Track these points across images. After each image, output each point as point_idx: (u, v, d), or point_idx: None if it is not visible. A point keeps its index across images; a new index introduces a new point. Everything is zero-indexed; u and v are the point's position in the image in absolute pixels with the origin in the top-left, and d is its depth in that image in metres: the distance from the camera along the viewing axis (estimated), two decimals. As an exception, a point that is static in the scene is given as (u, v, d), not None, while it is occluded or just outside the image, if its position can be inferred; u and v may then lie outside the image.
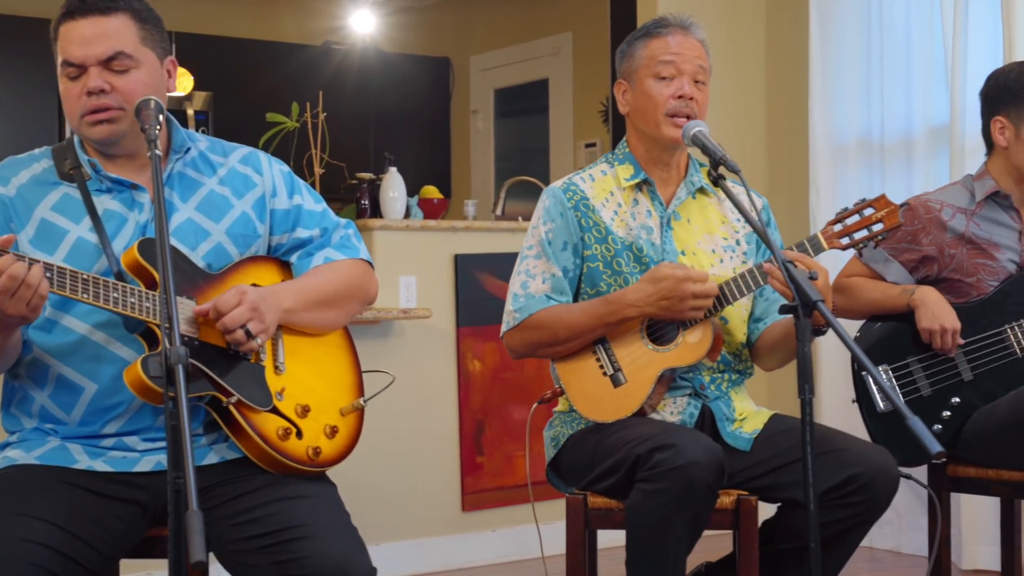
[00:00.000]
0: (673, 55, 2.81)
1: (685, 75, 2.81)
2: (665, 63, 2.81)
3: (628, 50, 2.90)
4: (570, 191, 2.88)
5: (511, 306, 2.85)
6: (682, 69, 2.81)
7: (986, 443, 3.15)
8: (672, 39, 2.83)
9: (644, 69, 2.84)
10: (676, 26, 2.86)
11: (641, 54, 2.86)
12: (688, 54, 2.82)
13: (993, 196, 3.30)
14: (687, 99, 2.79)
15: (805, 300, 2.23)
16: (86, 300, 2.18)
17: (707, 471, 2.51)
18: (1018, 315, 3.20)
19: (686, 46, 2.83)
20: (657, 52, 2.83)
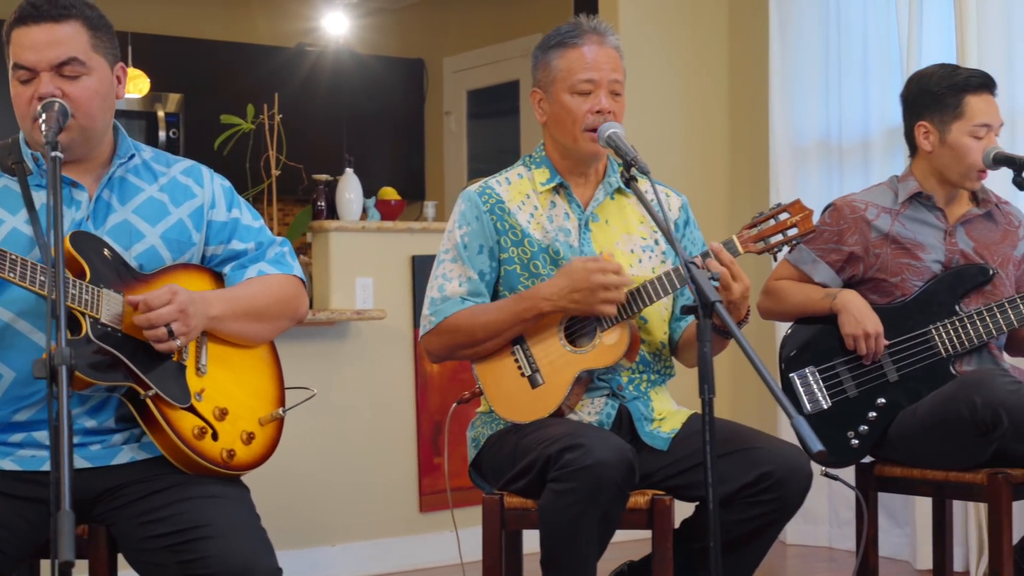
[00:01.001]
0: (590, 70, 2.81)
1: (602, 89, 2.82)
2: (583, 80, 2.81)
3: (543, 59, 2.90)
4: (485, 195, 2.90)
5: (427, 310, 2.87)
6: (599, 83, 2.82)
7: (910, 444, 3.17)
8: (588, 49, 2.83)
9: (560, 82, 2.84)
10: (591, 33, 2.85)
11: (557, 65, 2.85)
12: (604, 66, 2.82)
13: (916, 197, 3.32)
14: (605, 113, 2.80)
15: (704, 301, 2.24)
16: (12, 279, 2.23)
17: (615, 470, 2.53)
18: (943, 315, 3.21)
19: (602, 57, 2.83)
20: (574, 66, 2.82)
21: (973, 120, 3.21)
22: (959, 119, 3.22)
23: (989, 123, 3.22)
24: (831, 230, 3.32)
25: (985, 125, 3.21)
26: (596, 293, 2.67)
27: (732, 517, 2.66)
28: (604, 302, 2.68)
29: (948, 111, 3.23)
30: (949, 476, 3.12)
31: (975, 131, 3.21)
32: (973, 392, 2.97)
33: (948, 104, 3.23)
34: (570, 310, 2.73)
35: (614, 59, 2.85)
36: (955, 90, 3.23)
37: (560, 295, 2.71)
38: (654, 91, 5.41)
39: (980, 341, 3.18)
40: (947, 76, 3.27)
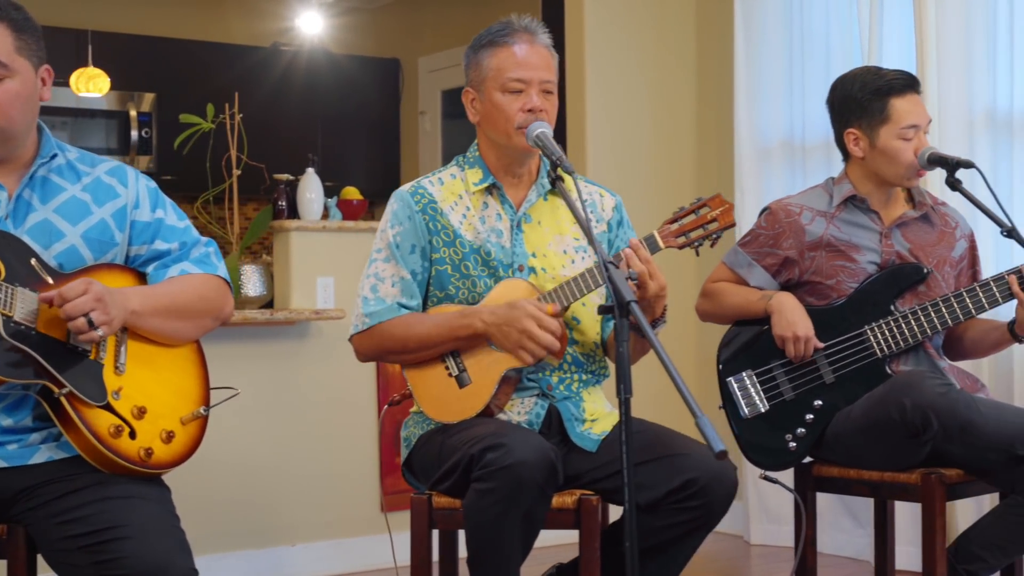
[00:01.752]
0: (520, 69, 2.81)
1: (533, 87, 2.82)
2: (513, 78, 2.81)
3: (475, 58, 2.90)
4: (418, 194, 2.90)
5: (361, 310, 2.87)
6: (530, 82, 2.82)
7: (846, 445, 3.17)
8: (518, 48, 2.83)
9: (492, 81, 2.84)
10: (522, 32, 2.85)
11: (488, 64, 2.86)
12: (535, 65, 2.82)
13: (851, 200, 3.32)
14: (537, 111, 2.80)
15: (620, 301, 2.24)
16: None
17: (536, 470, 2.53)
18: (877, 315, 3.21)
19: (532, 56, 2.83)
20: (505, 65, 2.83)
21: (900, 123, 3.21)
22: (886, 123, 3.22)
23: (916, 123, 3.21)
24: (767, 234, 3.32)
25: (913, 126, 3.21)
26: (521, 338, 2.68)
27: (658, 522, 2.66)
28: (523, 348, 2.69)
29: (875, 116, 3.23)
30: (885, 476, 3.13)
31: (903, 133, 3.20)
32: (903, 394, 2.97)
33: (874, 109, 3.23)
34: (495, 339, 2.74)
35: (545, 58, 2.85)
36: (879, 95, 3.22)
37: (495, 322, 2.72)
38: (621, 91, 5.41)
39: (915, 340, 3.18)
40: (870, 81, 3.26)
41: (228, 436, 4.51)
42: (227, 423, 4.51)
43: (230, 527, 4.51)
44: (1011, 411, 3.05)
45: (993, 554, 3.06)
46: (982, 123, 4.42)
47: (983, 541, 3.07)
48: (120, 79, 7.07)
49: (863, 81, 3.28)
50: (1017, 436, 2.96)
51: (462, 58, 3.00)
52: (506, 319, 2.70)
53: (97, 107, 6.92)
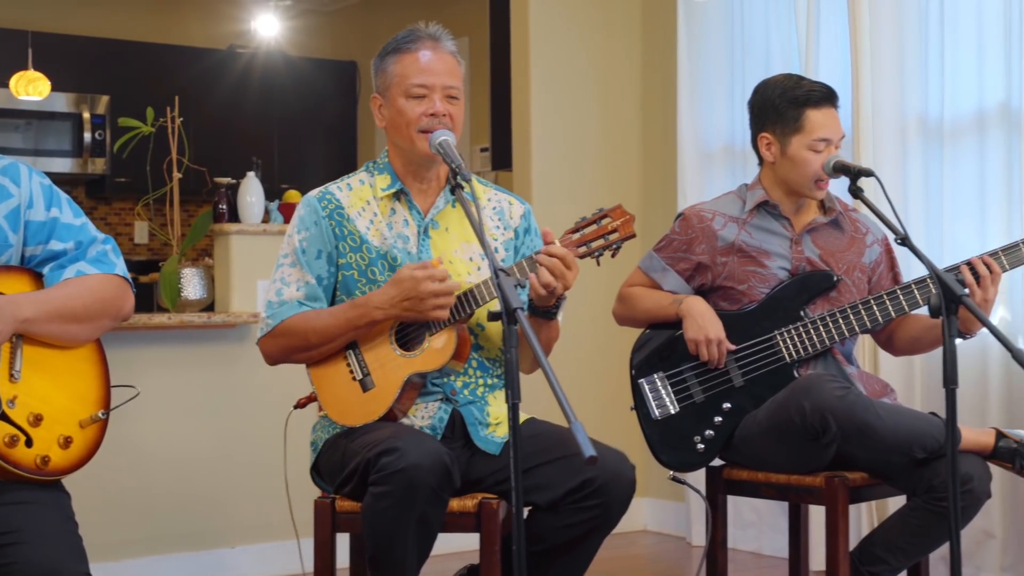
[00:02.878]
0: (424, 75, 2.84)
1: (436, 93, 2.84)
2: (416, 84, 2.84)
3: (381, 65, 2.93)
4: (325, 200, 2.93)
5: (264, 313, 2.90)
6: (433, 87, 2.85)
7: (752, 448, 3.20)
8: (422, 54, 2.86)
9: (396, 87, 2.87)
10: (427, 39, 2.88)
11: (393, 71, 2.89)
12: (439, 71, 2.86)
13: (763, 205, 3.35)
14: (440, 116, 2.83)
15: (507, 308, 2.27)
16: None
17: (430, 474, 2.56)
18: (787, 321, 3.25)
19: (436, 63, 2.86)
20: (408, 71, 2.86)
21: (812, 135, 3.25)
22: (799, 133, 3.25)
23: (828, 138, 3.25)
24: (680, 239, 3.36)
25: (824, 139, 3.24)
26: (426, 300, 2.70)
27: (558, 522, 2.70)
28: (436, 308, 2.71)
29: (789, 124, 3.27)
30: (791, 479, 3.17)
31: (814, 145, 3.24)
32: (802, 397, 3.01)
33: (789, 117, 3.27)
34: (403, 317, 2.77)
35: (450, 64, 2.89)
36: (796, 104, 3.26)
37: (391, 303, 2.74)
38: (567, 96, 5.44)
39: (823, 346, 3.21)
40: (789, 89, 3.30)
41: (167, 438, 4.53)
42: (166, 425, 4.54)
43: (169, 529, 4.53)
44: (909, 415, 3.09)
45: (895, 556, 3.10)
46: (914, 129, 4.46)
47: (886, 543, 3.12)
48: (75, 81, 7.08)
49: (783, 88, 3.31)
50: (915, 439, 3.00)
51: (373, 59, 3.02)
52: (401, 294, 2.72)
53: (50, 109, 6.92)
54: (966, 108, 4.34)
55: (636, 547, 5.31)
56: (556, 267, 2.66)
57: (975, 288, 3.09)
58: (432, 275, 2.70)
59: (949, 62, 4.36)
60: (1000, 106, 4.23)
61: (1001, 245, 3.20)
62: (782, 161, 3.29)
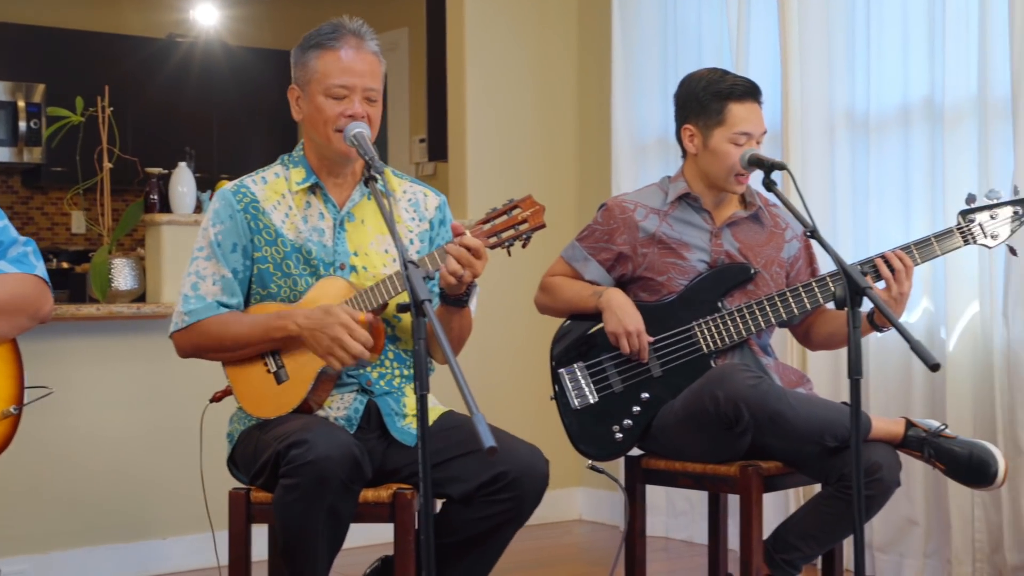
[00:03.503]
0: (345, 75, 2.83)
1: (356, 94, 2.84)
2: (337, 84, 2.83)
3: (302, 57, 2.91)
4: (240, 193, 2.93)
5: (181, 307, 2.89)
6: (354, 88, 2.83)
7: (669, 437, 3.24)
8: (345, 53, 2.84)
9: (316, 84, 2.85)
10: (351, 36, 2.87)
11: (314, 67, 2.87)
12: (361, 72, 2.84)
13: (684, 198, 3.39)
14: (358, 118, 2.82)
15: (415, 299, 2.29)
16: None
17: (339, 466, 2.57)
18: (705, 312, 3.28)
19: (358, 63, 2.85)
20: (330, 69, 2.84)
21: (734, 128, 3.27)
22: (720, 126, 3.28)
23: (749, 132, 3.28)
24: (602, 229, 3.39)
25: (745, 133, 3.27)
26: (332, 345, 2.71)
27: (471, 515, 2.72)
28: (332, 355, 2.72)
29: (711, 117, 3.29)
30: (707, 469, 3.21)
31: (735, 138, 3.27)
32: (716, 387, 3.04)
33: (712, 110, 3.29)
34: (308, 343, 2.77)
35: (372, 65, 2.87)
36: (719, 97, 3.29)
37: (309, 326, 2.74)
38: (503, 88, 5.46)
39: (740, 338, 3.25)
40: (713, 82, 3.32)
41: (97, 429, 4.51)
42: (96, 416, 4.52)
43: (99, 521, 4.51)
44: (821, 404, 3.14)
45: (808, 544, 3.15)
46: (842, 122, 4.52)
47: (799, 531, 3.16)
48: (10, 70, 7.01)
49: (707, 81, 3.34)
50: (826, 427, 3.05)
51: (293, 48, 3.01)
52: (319, 324, 2.72)
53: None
54: (891, 102, 4.40)
55: (571, 536, 5.36)
56: (463, 256, 2.67)
57: (891, 282, 3.13)
58: (354, 331, 2.69)
59: (875, 57, 4.42)
60: (924, 100, 4.29)
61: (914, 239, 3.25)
62: (704, 153, 3.32)
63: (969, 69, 4.14)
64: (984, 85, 4.06)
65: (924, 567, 4.23)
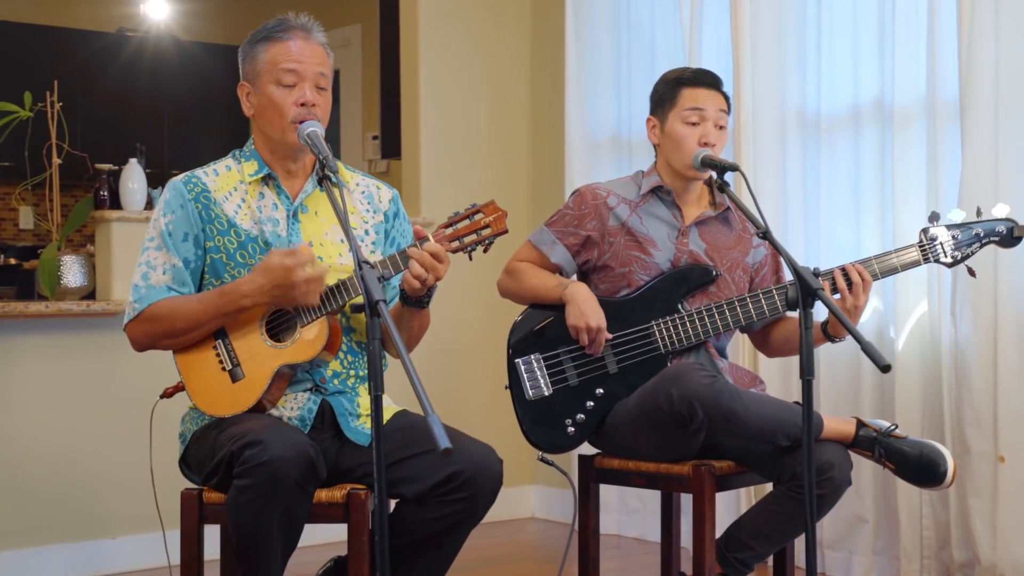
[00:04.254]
0: (295, 63, 2.83)
1: (307, 82, 2.84)
2: (287, 71, 2.83)
3: (250, 52, 2.92)
4: (191, 184, 2.92)
5: (131, 297, 2.88)
6: (304, 76, 2.84)
7: (622, 434, 3.24)
8: (294, 44, 2.85)
9: (267, 75, 2.86)
10: (297, 29, 2.88)
11: (263, 58, 2.87)
12: (309, 60, 2.85)
13: (656, 191, 3.40)
14: (310, 106, 2.82)
15: (370, 300, 2.28)
16: None
17: (293, 466, 2.57)
18: (664, 312, 3.28)
19: (307, 52, 2.86)
20: (279, 59, 2.85)
21: (684, 106, 3.29)
22: (673, 108, 3.31)
23: (699, 107, 3.28)
24: (572, 214, 3.39)
25: (695, 109, 3.28)
26: (298, 287, 2.70)
27: (425, 515, 2.72)
28: (307, 293, 2.71)
29: (666, 103, 3.33)
30: (660, 468, 3.22)
31: (686, 116, 3.28)
32: (670, 385, 3.05)
33: (667, 96, 3.33)
34: (274, 303, 2.76)
35: (320, 54, 2.88)
36: (673, 85, 3.33)
37: (260, 291, 2.73)
38: (457, 86, 5.46)
39: (697, 339, 3.25)
40: (671, 73, 3.38)
41: (45, 428, 4.47)
42: (45, 415, 4.47)
43: (48, 520, 4.46)
44: (774, 403, 3.15)
45: (760, 543, 3.16)
46: (793, 123, 4.56)
47: (751, 530, 3.18)
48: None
49: (665, 79, 3.39)
50: (779, 427, 3.07)
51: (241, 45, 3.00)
52: (271, 282, 2.71)
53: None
54: (842, 103, 4.45)
55: (524, 534, 5.36)
56: (426, 260, 2.68)
57: (846, 294, 3.13)
58: (301, 261, 2.69)
59: (826, 58, 4.46)
60: (874, 101, 4.34)
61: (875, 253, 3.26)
62: (664, 141, 3.35)
63: (918, 71, 4.19)
64: (933, 87, 4.10)
65: (873, 564, 4.28)
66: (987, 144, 3.96)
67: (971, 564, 4.00)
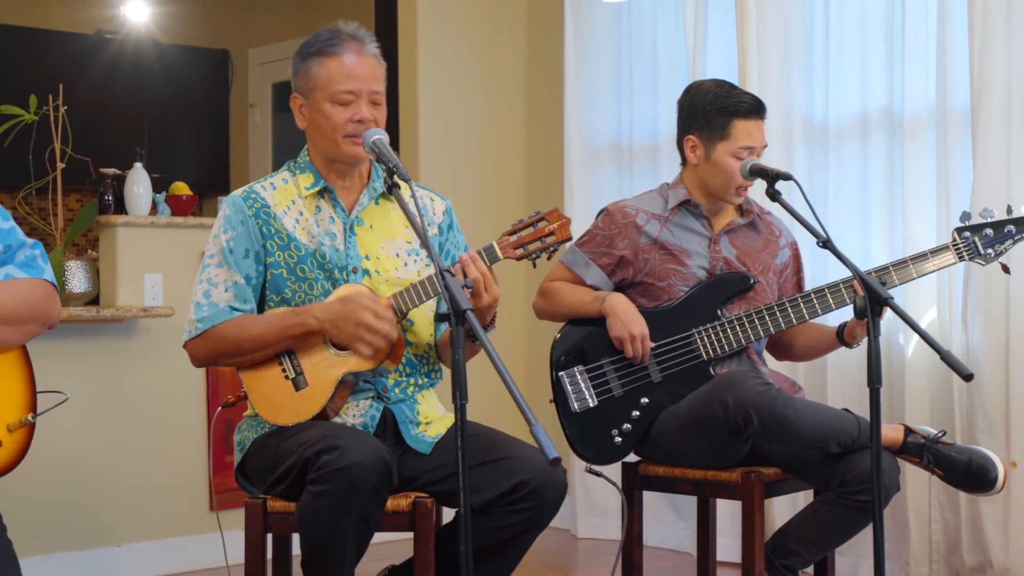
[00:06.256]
0: (350, 81, 2.82)
1: (362, 99, 2.84)
2: (342, 91, 2.82)
3: (303, 66, 2.89)
4: (250, 199, 2.90)
5: (194, 315, 2.85)
6: (359, 93, 2.83)
7: (670, 442, 3.27)
8: (347, 58, 2.84)
9: (320, 91, 2.84)
10: (350, 41, 2.86)
11: (317, 74, 2.85)
12: (364, 75, 2.84)
13: (685, 204, 3.43)
14: (367, 122, 2.82)
15: (456, 309, 2.28)
16: None
17: (371, 471, 2.56)
18: (705, 320, 3.32)
19: (361, 67, 2.84)
20: (334, 76, 2.83)
21: (738, 143, 3.32)
22: (725, 140, 3.33)
23: (752, 146, 3.33)
24: (603, 234, 3.41)
25: (748, 148, 3.33)
26: (358, 330, 2.69)
27: (490, 524, 2.71)
28: (361, 340, 2.70)
29: (716, 131, 3.34)
30: (707, 475, 3.24)
31: (738, 152, 3.32)
32: (726, 392, 3.08)
33: (717, 124, 3.33)
34: (331, 335, 2.75)
35: (374, 68, 2.87)
36: (726, 113, 3.33)
37: (329, 319, 2.73)
38: (453, 92, 5.46)
39: (739, 346, 3.30)
40: (720, 97, 3.36)
41: (52, 435, 4.40)
42: (51, 422, 4.36)
43: (54, 528, 4.41)
44: (825, 411, 3.20)
45: (808, 548, 3.20)
46: (800, 131, 4.58)
47: (798, 536, 3.21)
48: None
49: (715, 95, 3.37)
50: (831, 434, 3.11)
51: (291, 51, 2.99)
52: (340, 313, 2.71)
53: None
54: (849, 111, 4.47)
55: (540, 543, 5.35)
56: (476, 284, 2.67)
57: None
58: (378, 312, 2.69)
59: (834, 66, 4.48)
60: (882, 110, 4.37)
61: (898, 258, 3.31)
62: (705, 165, 3.36)
63: (928, 79, 4.22)
64: (943, 96, 4.13)
65: (881, 568, 4.32)
66: (999, 154, 3.99)
67: (982, 568, 4.04)
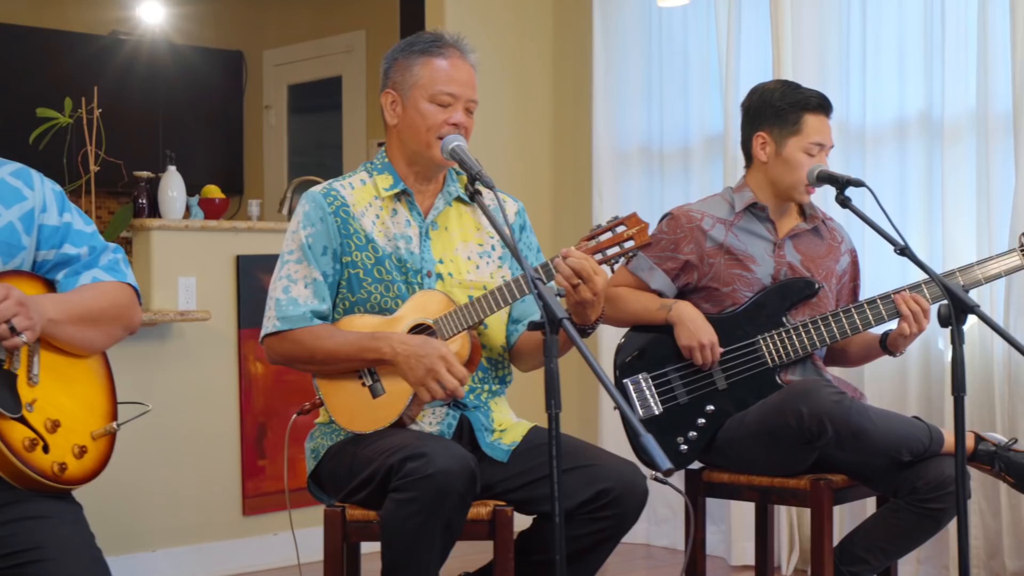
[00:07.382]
0: (452, 84, 2.84)
1: (460, 104, 2.85)
2: (446, 93, 2.84)
3: (404, 62, 2.90)
4: (331, 196, 2.89)
5: (273, 312, 2.84)
6: (459, 97, 2.85)
7: (737, 450, 3.26)
8: (451, 63, 2.86)
9: (421, 89, 2.85)
10: (454, 47, 2.89)
11: (420, 72, 2.86)
12: (466, 81, 2.87)
13: (751, 208, 3.42)
14: (460, 127, 2.83)
15: (552, 317, 2.26)
16: None
17: (458, 479, 2.54)
18: (770, 326, 3.32)
19: (463, 73, 2.87)
20: (437, 77, 2.85)
21: (809, 138, 3.33)
22: (796, 135, 3.34)
23: (822, 143, 3.35)
24: (668, 238, 3.40)
25: (819, 144, 3.34)
26: (427, 376, 2.68)
27: (571, 532, 2.69)
28: (425, 386, 2.69)
29: (787, 126, 3.35)
30: (774, 482, 3.23)
31: (809, 148, 3.33)
32: (800, 402, 3.07)
33: (788, 119, 3.35)
34: (401, 368, 2.73)
35: (472, 77, 2.91)
36: (796, 107, 3.35)
37: (405, 353, 2.71)
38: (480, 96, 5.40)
39: (804, 352, 3.29)
40: (790, 93, 3.38)
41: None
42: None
43: (86, 534, 4.37)
44: (897, 419, 3.19)
45: (876, 556, 3.20)
46: (836, 136, 4.52)
47: (866, 543, 3.21)
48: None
49: (783, 92, 3.40)
50: (903, 443, 3.10)
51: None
52: (416, 353, 2.69)
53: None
54: (887, 116, 4.46)
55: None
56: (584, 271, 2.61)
57: (911, 320, 3.21)
58: (452, 366, 2.67)
59: (871, 69, 4.47)
60: (920, 114, 4.36)
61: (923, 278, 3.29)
62: (775, 161, 3.36)
63: (968, 83, 4.21)
64: (984, 100, 4.13)
65: (918, 573, 4.31)
66: (1042, 159, 4.00)
67: (1024, 573, 4.06)
